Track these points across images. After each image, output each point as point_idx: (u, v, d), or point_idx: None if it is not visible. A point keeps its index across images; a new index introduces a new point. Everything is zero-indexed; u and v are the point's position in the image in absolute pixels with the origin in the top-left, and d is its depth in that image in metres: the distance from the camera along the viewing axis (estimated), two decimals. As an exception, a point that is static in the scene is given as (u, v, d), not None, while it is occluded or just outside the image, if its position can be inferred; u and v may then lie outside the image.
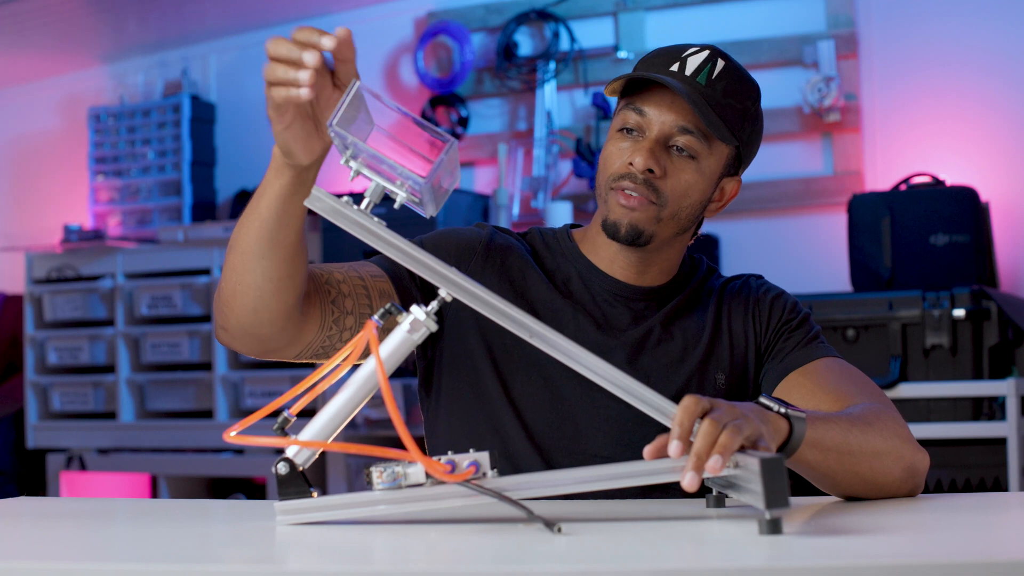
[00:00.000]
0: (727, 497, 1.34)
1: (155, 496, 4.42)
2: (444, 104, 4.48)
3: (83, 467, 4.50)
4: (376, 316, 1.26)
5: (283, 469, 1.25)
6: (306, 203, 1.28)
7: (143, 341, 4.42)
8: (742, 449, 1.20)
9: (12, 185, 5.41)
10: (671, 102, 1.59)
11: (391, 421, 1.16)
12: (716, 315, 1.69)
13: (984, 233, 3.52)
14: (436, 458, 1.21)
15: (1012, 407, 3.12)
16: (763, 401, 1.34)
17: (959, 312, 3.22)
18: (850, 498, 1.47)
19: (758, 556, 1.05)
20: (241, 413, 4.22)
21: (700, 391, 1.63)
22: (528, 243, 1.73)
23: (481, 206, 4.16)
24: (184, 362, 4.37)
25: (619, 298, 1.67)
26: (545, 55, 4.31)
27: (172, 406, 4.40)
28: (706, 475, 1.18)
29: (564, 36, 4.30)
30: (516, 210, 4.25)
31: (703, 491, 1.30)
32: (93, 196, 4.87)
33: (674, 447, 1.20)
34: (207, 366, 4.32)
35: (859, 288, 3.55)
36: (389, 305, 1.27)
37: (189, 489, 4.46)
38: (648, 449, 1.24)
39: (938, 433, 3.15)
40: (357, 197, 1.28)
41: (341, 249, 3.74)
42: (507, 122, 4.45)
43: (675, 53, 1.61)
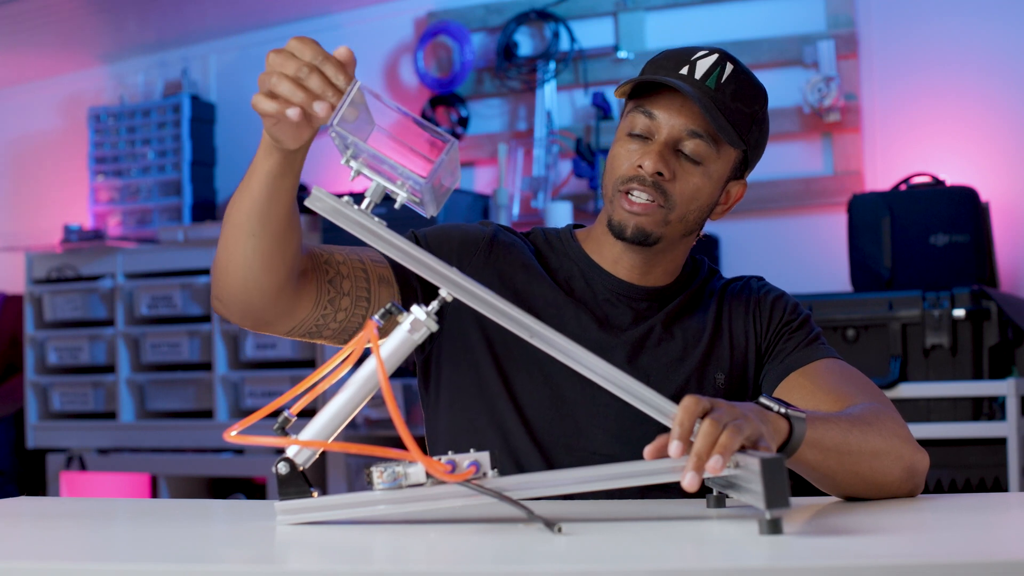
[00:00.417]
0: (727, 497, 1.34)
1: (155, 496, 4.41)
2: (444, 104, 4.47)
3: (83, 467, 4.49)
4: (376, 316, 1.26)
5: (283, 469, 1.25)
6: (307, 203, 1.28)
7: (143, 341, 4.42)
8: (742, 449, 1.20)
9: (12, 185, 5.41)
10: (681, 105, 1.59)
11: (391, 421, 1.17)
12: (717, 316, 1.70)
13: (984, 233, 3.51)
14: (436, 458, 1.21)
15: (1012, 407, 3.12)
16: (763, 401, 1.34)
17: (959, 312, 3.22)
18: (850, 498, 1.47)
19: (758, 556, 1.05)
20: (241, 413, 4.21)
21: (700, 391, 1.63)
22: (531, 242, 1.73)
23: (481, 206, 4.16)
24: (184, 362, 4.37)
25: (621, 297, 1.67)
26: (545, 55, 4.31)
27: (172, 406, 4.40)
28: (706, 475, 1.18)
29: (564, 36, 4.30)
30: (516, 210, 4.25)
31: (703, 491, 1.30)
32: (93, 196, 4.87)
33: (674, 447, 1.20)
34: (207, 366, 4.31)
35: (859, 288, 3.55)
36: (389, 305, 1.27)
37: (189, 489, 4.46)
38: (648, 449, 1.24)
39: (938, 433, 3.15)
40: (357, 197, 1.28)
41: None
42: (507, 122, 4.45)
43: (684, 56, 1.61)
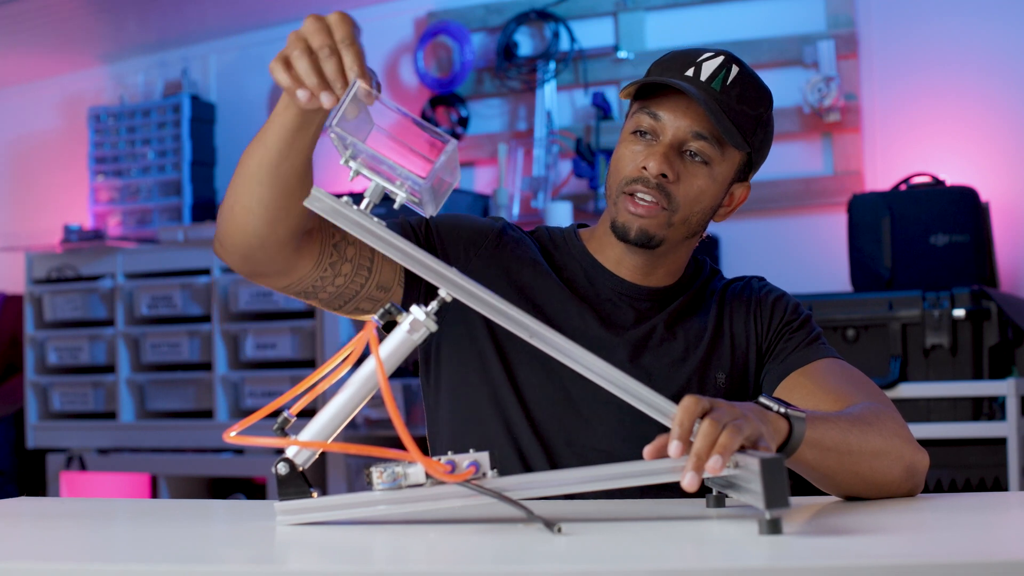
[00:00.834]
0: (727, 497, 1.34)
1: (155, 496, 4.41)
2: (444, 104, 4.47)
3: (83, 467, 4.49)
4: (376, 316, 1.26)
5: (283, 469, 1.25)
6: (305, 203, 1.28)
7: (143, 341, 4.42)
8: (742, 449, 1.20)
9: (12, 185, 5.41)
10: (686, 107, 1.59)
11: (391, 421, 1.17)
12: (718, 316, 1.70)
13: (984, 233, 3.51)
14: (436, 458, 1.22)
15: (1012, 407, 3.12)
16: (763, 401, 1.34)
17: (959, 312, 3.22)
18: (850, 498, 1.47)
19: (758, 556, 1.05)
20: (241, 413, 4.21)
21: (701, 391, 1.63)
22: (536, 240, 1.73)
23: (481, 206, 4.16)
24: (184, 362, 4.36)
25: (624, 297, 1.68)
26: (545, 55, 4.31)
27: (172, 406, 4.40)
28: (706, 475, 1.18)
29: (564, 36, 4.30)
30: (516, 210, 4.25)
31: (703, 491, 1.30)
32: (93, 196, 4.87)
33: (674, 447, 1.20)
34: (207, 366, 4.31)
35: (859, 288, 3.55)
36: (389, 305, 1.27)
37: (189, 489, 4.46)
38: (648, 449, 1.24)
39: (938, 433, 3.15)
40: (357, 197, 1.28)
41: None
42: (507, 122, 4.45)
43: (690, 57, 1.61)
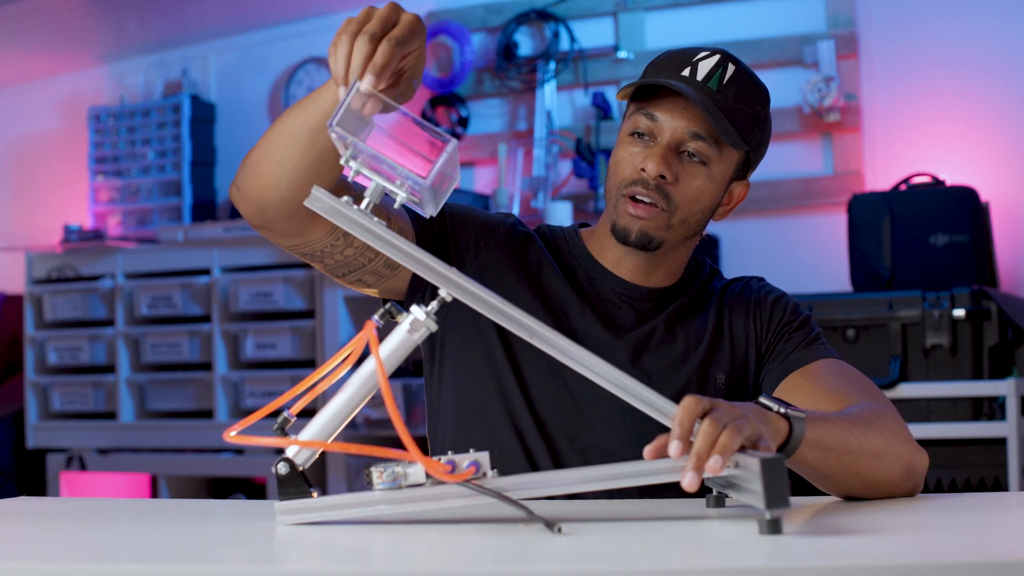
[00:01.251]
0: (727, 497, 1.34)
1: (155, 496, 4.41)
2: (444, 104, 4.47)
3: (83, 467, 4.49)
4: (376, 316, 1.26)
5: (283, 469, 1.25)
6: (306, 203, 1.28)
7: (143, 341, 4.42)
8: (742, 449, 1.20)
9: (12, 185, 5.41)
10: (683, 108, 1.59)
11: (391, 421, 1.17)
12: (718, 316, 1.70)
13: (984, 233, 3.51)
14: (436, 458, 1.22)
15: (1012, 407, 3.12)
16: (763, 401, 1.34)
17: (959, 312, 3.22)
18: (850, 498, 1.47)
19: (758, 556, 1.05)
20: (241, 413, 4.21)
21: (701, 391, 1.64)
22: (539, 237, 1.74)
23: (481, 206, 4.16)
24: (184, 362, 4.36)
25: (624, 298, 1.68)
26: (545, 55, 4.30)
27: (172, 406, 4.40)
28: (706, 475, 1.18)
29: (564, 36, 4.30)
30: (516, 210, 4.25)
31: (703, 491, 1.30)
32: (93, 196, 4.86)
33: (674, 447, 1.20)
34: (207, 366, 4.31)
35: (859, 288, 3.55)
36: (389, 305, 1.27)
37: (189, 489, 4.46)
38: (648, 449, 1.24)
39: (938, 433, 3.15)
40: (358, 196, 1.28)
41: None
42: (507, 122, 4.45)
43: (686, 57, 1.61)
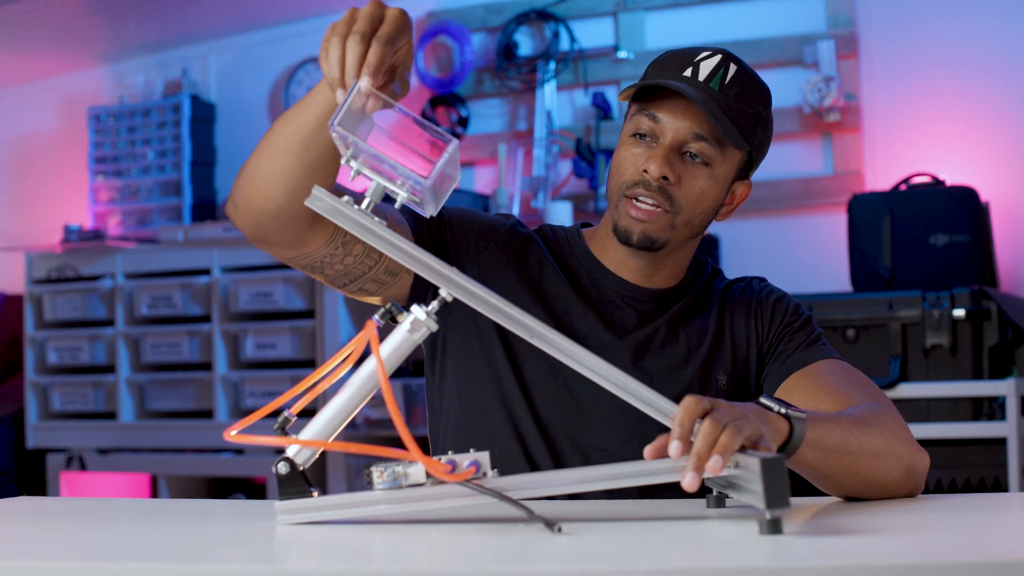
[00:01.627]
0: (727, 497, 1.34)
1: (155, 496, 4.41)
2: (444, 104, 4.47)
3: (83, 467, 4.49)
4: (377, 316, 1.26)
5: (283, 469, 1.25)
6: (306, 203, 1.28)
7: (143, 341, 4.42)
8: (743, 449, 1.20)
9: (12, 185, 5.41)
10: (685, 108, 1.59)
11: (391, 421, 1.17)
12: (719, 317, 1.70)
13: (984, 233, 3.51)
14: (437, 457, 1.22)
15: (1012, 407, 3.12)
16: (763, 401, 1.34)
17: (959, 312, 3.22)
18: (850, 498, 1.47)
19: (758, 556, 1.05)
20: (241, 413, 4.21)
21: (702, 392, 1.63)
22: (541, 238, 1.73)
23: (481, 206, 4.15)
24: (184, 362, 4.36)
25: (626, 299, 1.68)
26: (545, 55, 4.30)
27: (172, 406, 4.40)
28: (706, 475, 1.18)
29: (564, 36, 4.30)
30: (516, 210, 4.25)
31: (703, 491, 1.30)
32: (93, 196, 4.86)
33: (674, 447, 1.20)
34: (207, 366, 4.31)
35: (859, 288, 3.55)
36: (390, 305, 1.27)
37: (189, 489, 4.46)
38: (648, 449, 1.24)
39: (938, 433, 3.15)
40: (357, 197, 1.28)
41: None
42: (507, 122, 4.45)
43: (688, 57, 1.61)
